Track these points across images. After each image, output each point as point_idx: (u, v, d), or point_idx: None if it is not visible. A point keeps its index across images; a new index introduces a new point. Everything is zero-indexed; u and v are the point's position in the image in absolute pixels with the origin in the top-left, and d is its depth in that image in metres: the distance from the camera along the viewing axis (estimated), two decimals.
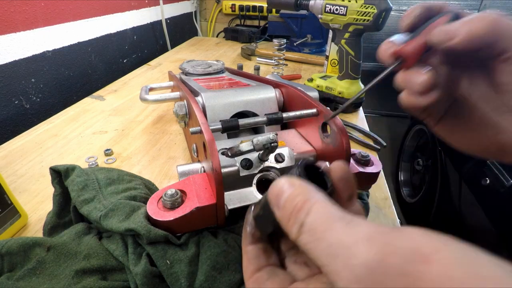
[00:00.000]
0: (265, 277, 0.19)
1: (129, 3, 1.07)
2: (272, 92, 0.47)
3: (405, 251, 0.12)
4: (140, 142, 0.58)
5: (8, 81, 0.66)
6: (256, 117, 0.38)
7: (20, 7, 0.67)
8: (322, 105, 0.36)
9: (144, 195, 0.34)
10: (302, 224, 0.15)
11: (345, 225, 0.14)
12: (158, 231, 0.27)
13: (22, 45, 0.68)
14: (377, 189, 0.48)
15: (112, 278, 0.28)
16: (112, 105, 0.74)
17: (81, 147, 0.56)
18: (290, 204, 0.16)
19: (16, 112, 0.68)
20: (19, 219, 0.38)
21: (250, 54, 1.16)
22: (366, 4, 0.60)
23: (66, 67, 0.82)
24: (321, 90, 0.75)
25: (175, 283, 0.27)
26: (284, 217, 0.16)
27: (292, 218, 0.15)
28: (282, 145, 0.38)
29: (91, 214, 0.30)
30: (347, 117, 0.71)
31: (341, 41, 0.68)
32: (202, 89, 0.48)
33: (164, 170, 0.50)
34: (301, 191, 0.16)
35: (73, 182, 0.33)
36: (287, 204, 0.16)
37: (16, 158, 0.53)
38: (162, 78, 0.93)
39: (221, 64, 0.68)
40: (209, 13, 1.67)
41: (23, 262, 0.28)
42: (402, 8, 2.14)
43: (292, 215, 0.15)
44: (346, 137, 0.31)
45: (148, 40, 1.23)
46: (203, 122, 0.32)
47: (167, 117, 0.69)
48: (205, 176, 0.32)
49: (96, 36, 0.92)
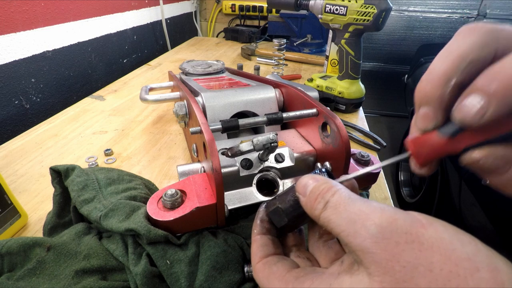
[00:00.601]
0: (275, 260, 0.21)
1: (129, 3, 1.07)
2: (272, 92, 0.47)
3: (409, 219, 0.16)
4: (140, 142, 0.58)
5: (8, 81, 0.66)
6: (256, 117, 0.38)
7: (20, 7, 0.67)
8: (322, 105, 0.36)
9: (144, 195, 0.34)
10: (327, 201, 0.18)
11: (364, 202, 0.17)
12: (158, 231, 0.27)
13: (22, 45, 0.68)
14: (377, 189, 0.48)
15: (112, 278, 0.28)
16: (112, 105, 0.74)
17: (81, 147, 0.56)
18: (316, 190, 0.19)
19: (16, 112, 0.68)
20: (19, 219, 0.38)
21: (250, 54, 1.16)
22: (366, 4, 0.60)
23: (66, 67, 0.82)
24: (321, 90, 0.75)
25: (175, 283, 0.27)
26: (309, 201, 0.19)
27: (318, 198, 0.19)
28: (282, 145, 0.38)
29: (91, 214, 0.30)
30: (347, 117, 0.71)
31: (341, 41, 0.68)
32: (202, 89, 0.48)
33: (164, 170, 0.50)
34: (325, 182, 0.20)
35: (73, 182, 0.33)
36: (314, 190, 0.19)
37: (16, 158, 0.53)
38: (162, 78, 0.93)
39: (221, 64, 0.68)
40: (209, 13, 1.67)
41: (23, 262, 0.28)
42: (402, 8, 2.14)
43: (318, 196, 0.19)
44: (346, 137, 0.31)
45: (148, 40, 1.23)
46: (203, 122, 0.32)
47: (167, 117, 0.69)
48: (205, 176, 0.32)
49: (96, 36, 0.92)
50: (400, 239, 0.15)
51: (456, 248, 0.14)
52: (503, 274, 0.13)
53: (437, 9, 2.09)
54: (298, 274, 0.19)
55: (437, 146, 0.18)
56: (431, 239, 0.15)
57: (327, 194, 0.18)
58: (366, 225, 0.16)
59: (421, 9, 2.12)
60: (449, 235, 0.15)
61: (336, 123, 0.32)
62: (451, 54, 0.17)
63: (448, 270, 0.14)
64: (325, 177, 0.20)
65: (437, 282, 0.14)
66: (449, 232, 0.15)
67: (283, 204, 0.22)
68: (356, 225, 0.16)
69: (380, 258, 0.15)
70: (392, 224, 0.16)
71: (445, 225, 0.15)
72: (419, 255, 0.14)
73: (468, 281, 0.13)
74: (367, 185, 0.40)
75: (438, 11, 2.10)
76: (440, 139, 0.18)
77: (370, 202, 0.17)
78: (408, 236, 0.15)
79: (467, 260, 0.14)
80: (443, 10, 2.09)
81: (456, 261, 0.14)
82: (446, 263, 0.14)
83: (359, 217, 0.16)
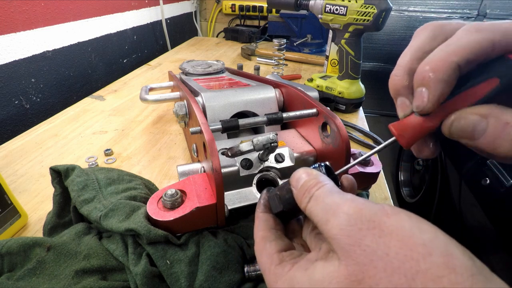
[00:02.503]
0: (271, 238, 0.22)
1: (129, 3, 1.07)
2: (272, 92, 0.47)
3: (375, 209, 0.17)
4: (140, 142, 0.58)
5: (8, 81, 0.66)
6: (256, 117, 0.38)
7: (20, 7, 0.67)
8: (322, 105, 0.36)
9: (144, 195, 0.34)
10: (312, 195, 0.20)
11: (339, 194, 0.19)
12: (158, 231, 0.27)
13: (22, 45, 0.68)
14: (377, 189, 0.48)
15: (112, 278, 0.28)
16: (112, 105, 0.74)
17: (81, 147, 0.56)
18: (305, 184, 0.21)
19: (16, 112, 0.68)
20: (19, 219, 0.38)
21: (250, 54, 1.16)
22: (366, 4, 0.60)
23: (66, 67, 0.82)
24: (321, 90, 0.75)
25: (175, 283, 0.27)
26: (299, 194, 0.21)
27: (306, 193, 0.20)
28: (282, 145, 0.38)
29: (91, 214, 0.30)
30: (347, 117, 0.71)
31: (341, 41, 0.68)
32: (202, 89, 0.48)
33: (164, 170, 0.50)
34: (314, 177, 0.21)
35: (73, 182, 0.33)
36: (304, 184, 0.21)
37: (16, 158, 0.53)
38: (162, 78, 0.93)
39: (221, 64, 0.68)
40: (209, 13, 1.67)
41: (23, 262, 0.28)
42: (402, 8, 2.14)
43: (306, 191, 0.20)
44: (346, 137, 0.31)
45: (148, 40, 1.23)
46: (203, 122, 0.32)
47: (167, 117, 0.69)
48: (205, 176, 0.32)
49: (96, 36, 0.92)
50: (363, 226, 0.16)
51: (414, 235, 0.15)
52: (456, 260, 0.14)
53: (437, 9, 2.09)
54: (283, 258, 0.20)
55: (416, 126, 0.20)
56: (391, 227, 0.16)
57: (313, 189, 0.20)
58: (336, 214, 0.18)
59: (421, 9, 2.12)
60: (410, 224, 0.16)
61: (336, 123, 0.32)
62: (410, 49, 0.21)
63: (403, 254, 0.15)
64: (317, 172, 0.22)
65: (392, 265, 0.15)
66: (411, 222, 0.16)
67: (281, 191, 0.24)
68: (329, 215, 0.18)
69: (344, 243, 0.16)
70: (358, 212, 0.17)
71: (410, 215, 0.17)
72: (378, 240, 0.16)
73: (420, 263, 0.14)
74: (367, 185, 0.40)
75: (438, 11, 2.09)
76: (417, 119, 0.20)
77: (346, 194, 0.19)
78: (370, 223, 0.16)
79: (422, 245, 0.15)
80: (443, 10, 2.09)
81: (411, 247, 0.15)
82: (402, 248, 0.15)
83: (331, 207, 0.18)
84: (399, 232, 0.16)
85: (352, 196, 0.19)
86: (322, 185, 0.20)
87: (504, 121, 0.17)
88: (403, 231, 0.16)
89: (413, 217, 0.16)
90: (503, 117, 0.18)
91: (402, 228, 0.16)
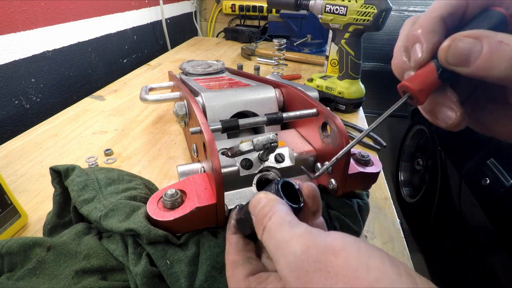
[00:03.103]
0: (240, 262, 0.23)
1: (129, 3, 1.07)
2: (272, 92, 0.47)
3: (322, 246, 0.17)
4: (140, 142, 0.59)
5: (8, 81, 0.66)
6: (256, 117, 0.38)
7: (20, 7, 0.67)
8: (322, 105, 0.36)
9: (144, 195, 0.34)
10: (264, 227, 0.20)
11: (290, 227, 0.19)
12: (158, 231, 0.27)
13: (22, 45, 0.68)
14: (377, 189, 0.48)
15: (112, 278, 0.28)
16: (112, 105, 0.74)
17: (81, 147, 0.56)
18: (260, 213, 0.21)
19: (16, 112, 0.68)
20: (19, 219, 0.38)
21: (250, 54, 1.16)
22: (366, 4, 0.60)
23: (66, 67, 0.82)
24: (321, 90, 0.75)
25: (175, 283, 0.27)
26: (256, 223, 0.21)
27: (259, 224, 0.21)
28: (282, 145, 0.38)
29: (91, 214, 0.30)
30: (347, 117, 0.71)
31: (341, 41, 0.68)
32: (202, 89, 0.48)
33: (164, 170, 0.50)
34: (269, 203, 0.21)
35: (73, 182, 0.33)
36: (258, 213, 0.21)
37: (16, 158, 0.53)
38: (162, 78, 0.93)
39: (221, 64, 0.68)
40: (209, 13, 1.67)
41: (23, 262, 0.28)
42: (402, 8, 2.14)
43: (260, 221, 0.21)
44: (346, 137, 0.31)
45: (148, 40, 1.23)
46: (203, 122, 0.32)
47: (167, 117, 0.69)
48: (205, 176, 0.32)
49: (96, 36, 0.92)
50: (310, 268, 0.16)
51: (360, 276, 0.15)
52: None
53: None
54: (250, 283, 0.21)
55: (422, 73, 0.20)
56: (337, 267, 0.16)
57: (265, 219, 0.20)
58: (285, 254, 0.18)
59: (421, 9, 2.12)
60: (357, 262, 0.16)
61: (336, 123, 0.32)
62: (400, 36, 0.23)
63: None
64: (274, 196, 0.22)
65: None
66: (359, 259, 0.16)
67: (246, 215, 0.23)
68: (279, 253, 0.18)
69: (294, 285, 0.17)
70: (305, 252, 0.17)
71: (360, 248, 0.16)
72: (325, 282, 0.16)
73: None
74: (367, 185, 0.40)
75: None
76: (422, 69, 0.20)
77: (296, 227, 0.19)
78: (317, 265, 0.16)
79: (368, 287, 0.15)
80: None
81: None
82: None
83: (281, 245, 0.18)
84: (345, 273, 0.16)
85: (301, 230, 0.18)
86: (272, 214, 0.20)
87: (497, 40, 0.17)
88: (349, 272, 0.16)
89: (362, 250, 0.16)
90: (496, 37, 0.17)
91: (348, 268, 0.16)
